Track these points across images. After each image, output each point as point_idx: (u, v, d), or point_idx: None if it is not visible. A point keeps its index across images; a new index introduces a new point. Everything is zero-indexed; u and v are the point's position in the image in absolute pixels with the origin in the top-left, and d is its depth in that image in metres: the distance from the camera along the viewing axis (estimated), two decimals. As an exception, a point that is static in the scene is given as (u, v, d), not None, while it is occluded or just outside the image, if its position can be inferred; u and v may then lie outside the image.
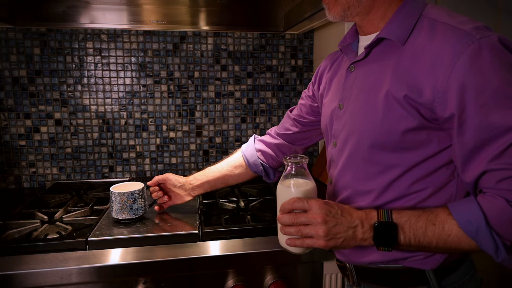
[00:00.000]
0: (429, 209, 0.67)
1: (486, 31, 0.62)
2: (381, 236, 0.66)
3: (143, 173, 1.62)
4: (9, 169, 1.52)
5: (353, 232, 0.67)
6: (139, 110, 1.58)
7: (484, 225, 0.60)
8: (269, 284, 0.97)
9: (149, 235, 1.00)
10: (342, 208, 0.69)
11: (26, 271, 0.86)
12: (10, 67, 1.47)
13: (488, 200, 0.61)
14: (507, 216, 0.59)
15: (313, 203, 0.68)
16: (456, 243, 0.63)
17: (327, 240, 0.67)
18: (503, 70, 0.60)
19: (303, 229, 0.67)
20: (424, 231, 0.64)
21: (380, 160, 0.71)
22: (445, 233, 0.63)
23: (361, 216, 0.68)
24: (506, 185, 0.59)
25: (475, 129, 0.61)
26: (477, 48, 0.60)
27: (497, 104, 0.59)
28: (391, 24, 0.70)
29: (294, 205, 0.69)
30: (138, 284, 0.92)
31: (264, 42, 1.63)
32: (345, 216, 0.68)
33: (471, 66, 0.60)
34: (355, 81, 0.77)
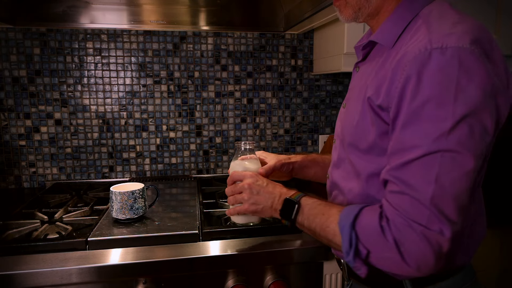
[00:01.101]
0: (331, 203, 0.75)
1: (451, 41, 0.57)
2: (285, 210, 0.78)
3: (143, 173, 1.62)
4: (9, 169, 1.52)
5: (271, 202, 0.81)
6: (139, 110, 1.58)
7: (349, 224, 0.65)
8: (269, 284, 0.97)
9: (149, 235, 1.00)
10: (269, 182, 0.83)
11: (26, 271, 0.86)
12: (10, 67, 1.47)
13: (372, 208, 0.65)
14: (371, 227, 0.63)
15: (246, 174, 0.85)
16: (331, 235, 0.69)
17: (249, 204, 0.82)
18: (441, 88, 0.56)
19: (237, 196, 0.84)
20: (314, 217, 0.73)
21: (356, 162, 0.73)
22: (325, 224, 0.70)
23: (281, 192, 0.81)
24: (390, 198, 0.62)
25: (394, 138, 0.62)
26: (426, 57, 0.57)
27: (416, 119, 0.58)
28: (383, 25, 0.70)
29: (233, 175, 0.86)
30: (138, 284, 0.92)
31: (264, 42, 1.63)
32: (268, 188, 0.82)
33: (412, 75, 0.58)
34: (356, 81, 0.79)
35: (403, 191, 0.60)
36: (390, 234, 0.60)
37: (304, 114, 1.71)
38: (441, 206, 0.57)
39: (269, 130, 1.69)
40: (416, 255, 0.59)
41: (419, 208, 0.58)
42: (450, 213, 0.58)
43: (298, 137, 1.72)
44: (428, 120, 0.57)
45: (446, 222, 0.57)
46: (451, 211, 0.58)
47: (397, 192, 0.61)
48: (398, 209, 0.60)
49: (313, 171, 1.03)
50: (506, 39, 1.35)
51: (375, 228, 0.62)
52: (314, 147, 1.74)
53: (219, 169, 1.67)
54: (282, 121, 1.70)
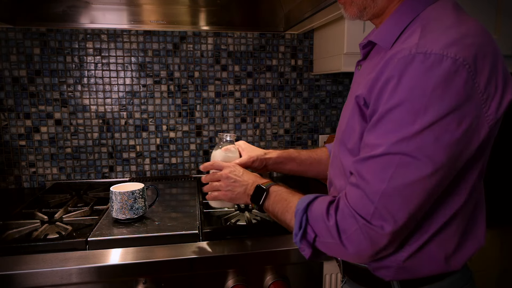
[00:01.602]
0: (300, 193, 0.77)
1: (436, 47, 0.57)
2: (255, 195, 0.84)
3: (143, 173, 1.62)
4: (9, 169, 1.52)
5: (244, 188, 0.87)
6: (139, 110, 1.58)
7: (302, 208, 0.69)
8: (269, 284, 0.97)
9: (149, 235, 1.00)
10: (245, 171, 0.91)
11: (26, 271, 0.86)
12: (10, 67, 1.47)
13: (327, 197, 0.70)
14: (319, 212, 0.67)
15: (225, 164, 0.92)
16: (289, 219, 0.73)
17: (225, 191, 0.89)
18: (415, 93, 0.56)
19: (214, 184, 0.92)
20: (277, 203, 0.78)
21: (344, 161, 0.73)
22: (285, 209, 0.75)
23: (254, 179, 0.88)
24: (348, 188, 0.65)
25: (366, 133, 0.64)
26: (408, 60, 0.57)
27: (386, 120, 0.59)
28: (383, 26, 0.69)
29: (213, 165, 0.94)
30: (138, 284, 0.92)
31: (264, 42, 1.63)
32: (243, 177, 0.89)
33: (393, 76, 0.59)
34: (355, 80, 0.79)
35: (358, 184, 0.62)
36: (333, 221, 0.64)
37: (304, 114, 1.71)
38: (388, 205, 0.59)
39: (269, 130, 1.69)
40: (355, 244, 0.63)
41: (366, 203, 0.61)
42: (395, 213, 0.59)
43: (298, 137, 1.72)
44: (395, 122, 0.58)
45: (389, 219, 0.60)
46: (396, 211, 0.59)
47: (353, 185, 0.63)
48: (349, 200, 0.63)
49: (288, 167, 1.05)
50: (506, 39, 1.35)
51: (322, 213, 0.66)
52: (314, 147, 1.74)
53: (219, 169, 1.67)
54: (282, 121, 1.70)
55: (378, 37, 0.69)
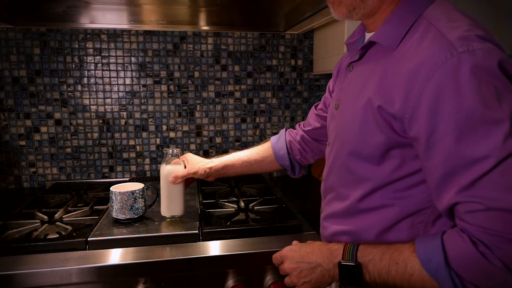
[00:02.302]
0: (394, 245, 0.64)
1: (475, 42, 0.55)
2: (347, 276, 0.66)
3: (143, 173, 1.62)
4: (9, 169, 1.52)
5: (320, 271, 0.70)
6: (139, 110, 1.58)
7: (443, 264, 0.56)
8: (269, 284, 0.97)
9: (149, 235, 1.00)
10: (306, 251, 0.73)
11: (26, 271, 0.86)
12: (10, 67, 1.47)
13: (453, 236, 0.57)
14: (470, 259, 0.54)
15: (283, 254, 0.76)
16: (420, 283, 0.59)
17: (301, 284, 0.72)
18: (482, 91, 0.53)
19: (287, 280, 0.75)
20: (387, 271, 0.62)
21: (355, 170, 0.70)
22: (407, 273, 0.60)
23: (323, 255, 0.70)
24: (473, 219, 0.54)
25: (444, 155, 0.56)
26: (456, 63, 0.54)
27: (470, 129, 0.53)
28: (384, 26, 0.67)
29: (274, 261, 0.79)
30: (138, 284, 0.92)
31: (264, 42, 1.63)
32: (305, 259, 0.72)
33: (447, 84, 0.54)
34: (350, 82, 0.76)
35: (489, 206, 0.52)
36: (495, 257, 0.53)
37: (304, 114, 1.71)
38: None
39: (269, 130, 1.69)
40: None
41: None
42: None
43: (298, 137, 1.72)
44: (484, 126, 0.53)
45: None
46: None
47: (480, 211, 0.53)
48: (489, 227, 0.53)
49: (230, 171, 1.08)
50: (506, 39, 1.35)
51: (476, 258, 0.54)
52: (314, 147, 1.74)
53: (219, 169, 1.67)
54: (282, 121, 1.70)
55: (380, 37, 0.67)
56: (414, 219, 0.66)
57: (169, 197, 1.08)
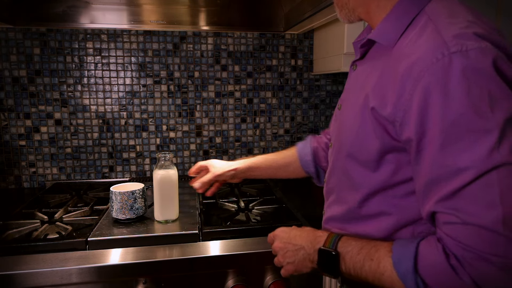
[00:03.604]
0: (375, 242, 0.63)
1: (470, 41, 0.51)
2: (324, 263, 0.66)
3: (143, 173, 1.62)
4: (9, 169, 1.52)
5: (302, 254, 0.71)
6: (139, 110, 1.58)
7: (412, 269, 0.55)
8: (269, 284, 0.97)
9: (149, 235, 1.00)
10: (296, 230, 0.75)
11: (26, 271, 0.86)
12: (10, 67, 1.47)
13: (429, 244, 0.55)
14: (439, 270, 0.52)
15: (275, 234, 0.78)
16: (389, 283, 0.58)
17: (285, 265, 0.74)
18: (472, 96, 0.49)
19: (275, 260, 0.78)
20: (361, 265, 0.62)
21: (352, 175, 0.68)
22: (379, 271, 0.59)
23: (308, 239, 0.71)
24: (450, 231, 0.52)
25: (430, 162, 0.53)
26: (446, 64, 0.51)
27: (456, 137, 0.50)
28: (382, 23, 0.64)
29: (268, 240, 0.82)
30: (138, 284, 0.92)
31: (264, 42, 1.63)
32: (292, 241, 0.73)
33: (435, 87, 0.51)
34: (352, 81, 0.75)
35: (465, 221, 0.50)
36: (465, 273, 0.50)
37: (304, 114, 1.71)
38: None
39: (269, 130, 1.69)
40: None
41: (490, 237, 0.48)
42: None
43: (298, 137, 1.72)
44: (471, 134, 0.49)
45: None
46: None
47: (457, 223, 0.51)
48: (464, 242, 0.50)
49: (255, 173, 1.08)
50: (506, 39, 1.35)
51: (445, 269, 0.51)
52: (314, 147, 1.74)
53: (219, 169, 1.67)
54: (282, 121, 1.70)
55: (379, 34, 0.65)
56: (414, 228, 0.64)
57: (162, 202, 1.08)
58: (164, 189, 1.07)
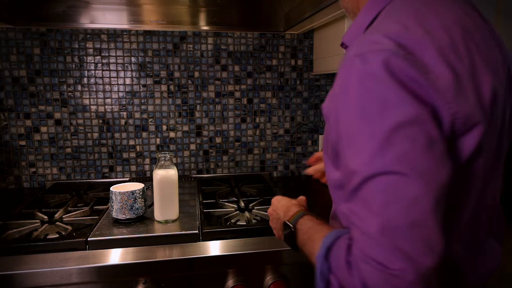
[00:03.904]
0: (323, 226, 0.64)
1: (371, 44, 0.50)
2: (286, 235, 0.71)
3: (143, 173, 1.62)
4: (9, 169, 1.52)
5: (279, 224, 0.76)
6: (139, 110, 1.58)
7: (323, 255, 0.55)
8: (269, 284, 0.97)
9: (149, 235, 1.00)
10: (282, 204, 0.78)
11: (26, 271, 0.86)
12: (10, 67, 1.47)
13: (347, 237, 0.54)
14: (340, 263, 0.52)
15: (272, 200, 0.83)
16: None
17: (273, 229, 0.81)
18: (363, 100, 0.49)
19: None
20: (304, 244, 0.65)
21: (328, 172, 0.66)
22: (312, 252, 0.61)
23: (285, 211, 0.75)
24: (351, 230, 0.52)
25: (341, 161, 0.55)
26: (349, 66, 0.51)
27: (350, 139, 0.51)
28: (351, 24, 0.64)
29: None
30: (138, 284, 0.92)
31: (264, 42, 1.63)
32: (277, 210, 0.78)
33: (342, 89, 0.52)
34: None
35: (356, 224, 0.50)
36: (355, 272, 0.50)
37: (304, 114, 1.71)
38: (396, 241, 0.46)
39: (269, 130, 1.69)
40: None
41: (372, 243, 0.47)
42: (409, 249, 0.45)
43: (298, 137, 1.72)
44: (361, 138, 0.49)
45: (406, 260, 0.45)
46: (410, 247, 0.45)
47: (354, 225, 0.51)
48: (356, 243, 0.50)
49: None
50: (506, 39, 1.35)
51: (343, 264, 0.52)
52: (314, 147, 1.74)
53: (219, 169, 1.67)
54: (282, 121, 1.70)
55: (346, 36, 0.65)
56: None
57: (162, 202, 1.08)
58: (164, 189, 1.07)
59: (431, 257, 0.45)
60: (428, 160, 0.47)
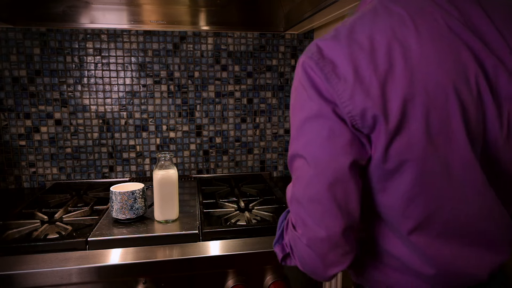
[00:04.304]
0: None
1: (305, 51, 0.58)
2: None
3: (143, 173, 1.62)
4: (9, 169, 1.52)
5: None
6: (139, 110, 1.58)
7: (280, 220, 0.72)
8: (269, 284, 0.97)
9: (149, 235, 1.00)
10: None
11: (26, 271, 0.86)
12: (10, 67, 1.47)
13: None
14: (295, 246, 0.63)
15: None
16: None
17: None
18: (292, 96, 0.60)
19: None
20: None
21: None
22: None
23: None
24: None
25: None
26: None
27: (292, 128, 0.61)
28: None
29: None
30: (138, 284, 0.92)
31: (264, 42, 1.63)
32: None
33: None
34: None
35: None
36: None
37: (304, 114, 1.71)
38: (300, 212, 0.58)
39: (269, 130, 1.69)
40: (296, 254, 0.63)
41: (290, 208, 0.63)
42: (306, 219, 0.57)
43: (298, 137, 1.72)
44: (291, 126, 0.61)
45: (302, 226, 0.58)
46: (307, 217, 0.57)
47: None
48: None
49: None
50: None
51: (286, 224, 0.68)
52: (314, 147, 1.74)
53: (219, 169, 1.67)
54: (282, 121, 1.70)
55: None
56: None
57: (162, 202, 1.08)
58: (164, 189, 1.07)
59: (327, 230, 0.56)
60: (326, 149, 0.55)
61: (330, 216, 0.56)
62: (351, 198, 0.56)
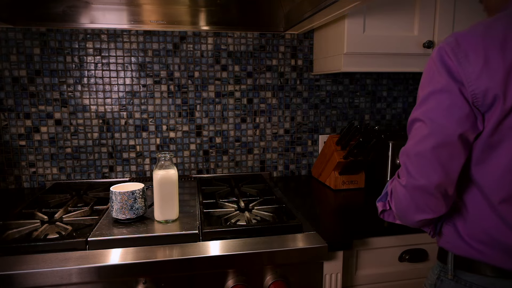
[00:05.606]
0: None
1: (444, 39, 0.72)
2: None
3: (143, 173, 1.62)
4: (9, 169, 1.52)
5: None
6: (139, 110, 1.58)
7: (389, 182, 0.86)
8: (269, 284, 0.97)
9: (149, 235, 1.00)
10: None
11: (26, 271, 0.86)
12: (10, 67, 1.47)
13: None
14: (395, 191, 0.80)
15: None
16: None
17: None
18: (424, 73, 0.74)
19: None
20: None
21: None
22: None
23: None
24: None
25: None
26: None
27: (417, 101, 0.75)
28: None
29: None
30: (138, 284, 0.92)
31: (264, 42, 1.63)
32: None
33: None
34: None
35: None
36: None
37: (304, 114, 1.71)
38: (407, 163, 0.73)
39: (269, 130, 1.69)
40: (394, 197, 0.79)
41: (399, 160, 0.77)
42: (411, 169, 0.72)
43: (298, 137, 1.72)
44: (417, 98, 0.75)
45: (406, 174, 0.73)
46: (411, 167, 0.72)
47: None
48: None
49: None
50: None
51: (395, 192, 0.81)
52: (314, 147, 1.74)
53: (219, 169, 1.67)
54: (282, 121, 1.70)
55: None
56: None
57: (162, 202, 1.08)
58: (164, 189, 1.07)
59: (425, 180, 0.71)
60: (443, 117, 0.68)
61: (431, 170, 0.70)
62: (453, 161, 0.69)
